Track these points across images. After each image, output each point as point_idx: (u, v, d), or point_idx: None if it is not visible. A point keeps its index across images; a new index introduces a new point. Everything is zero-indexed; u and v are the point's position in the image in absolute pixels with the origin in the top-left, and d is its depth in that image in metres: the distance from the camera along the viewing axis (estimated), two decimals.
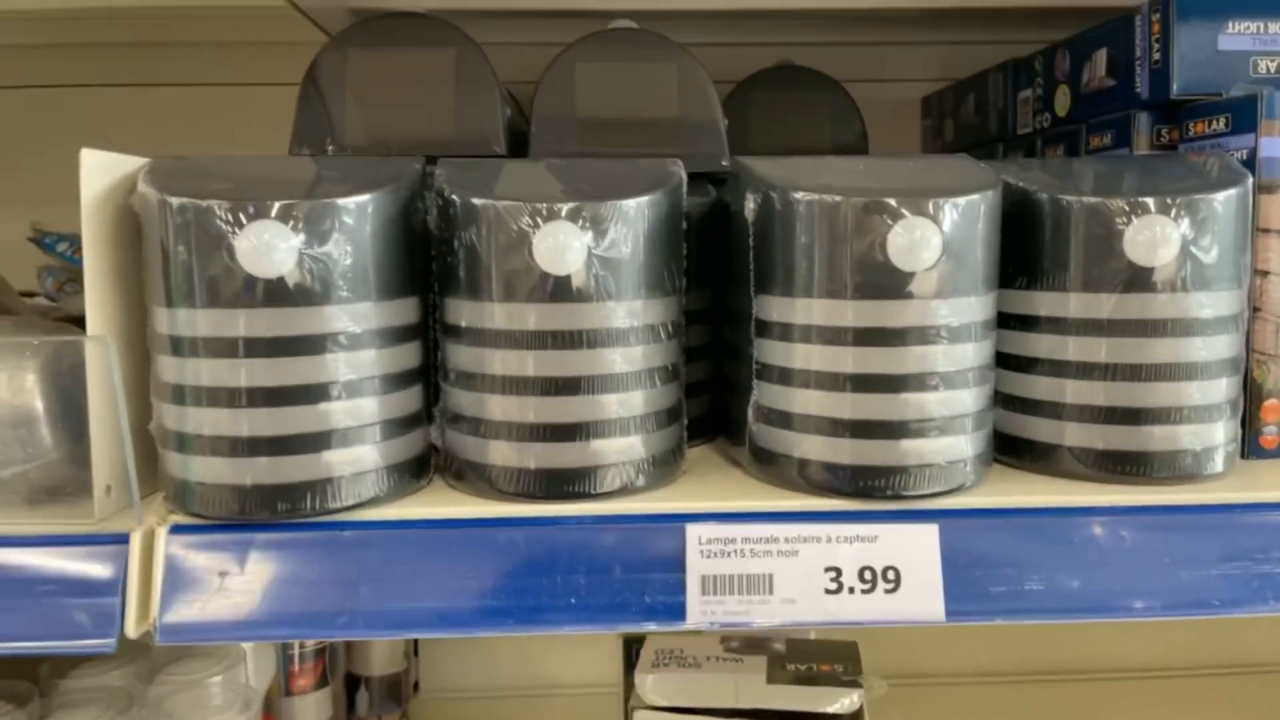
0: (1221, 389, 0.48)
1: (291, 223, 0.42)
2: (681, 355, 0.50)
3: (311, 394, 0.44)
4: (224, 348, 0.43)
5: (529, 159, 0.57)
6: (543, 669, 0.94)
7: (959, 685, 0.93)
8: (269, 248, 0.41)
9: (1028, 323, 0.50)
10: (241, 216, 0.41)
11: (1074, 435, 0.49)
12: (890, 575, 0.43)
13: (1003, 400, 0.51)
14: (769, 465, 0.49)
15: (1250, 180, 0.49)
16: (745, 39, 0.86)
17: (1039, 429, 0.50)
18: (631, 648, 0.66)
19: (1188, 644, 0.94)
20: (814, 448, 0.47)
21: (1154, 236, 0.46)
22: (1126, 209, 0.46)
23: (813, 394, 0.46)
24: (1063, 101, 0.67)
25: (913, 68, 0.93)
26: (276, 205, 0.42)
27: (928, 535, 0.44)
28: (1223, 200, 0.47)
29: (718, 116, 0.62)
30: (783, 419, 0.48)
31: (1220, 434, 0.49)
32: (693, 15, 0.80)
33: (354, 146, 0.59)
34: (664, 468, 0.48)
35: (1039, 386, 0.50)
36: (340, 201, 0.43)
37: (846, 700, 0.56)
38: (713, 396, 0.58)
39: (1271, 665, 0.94)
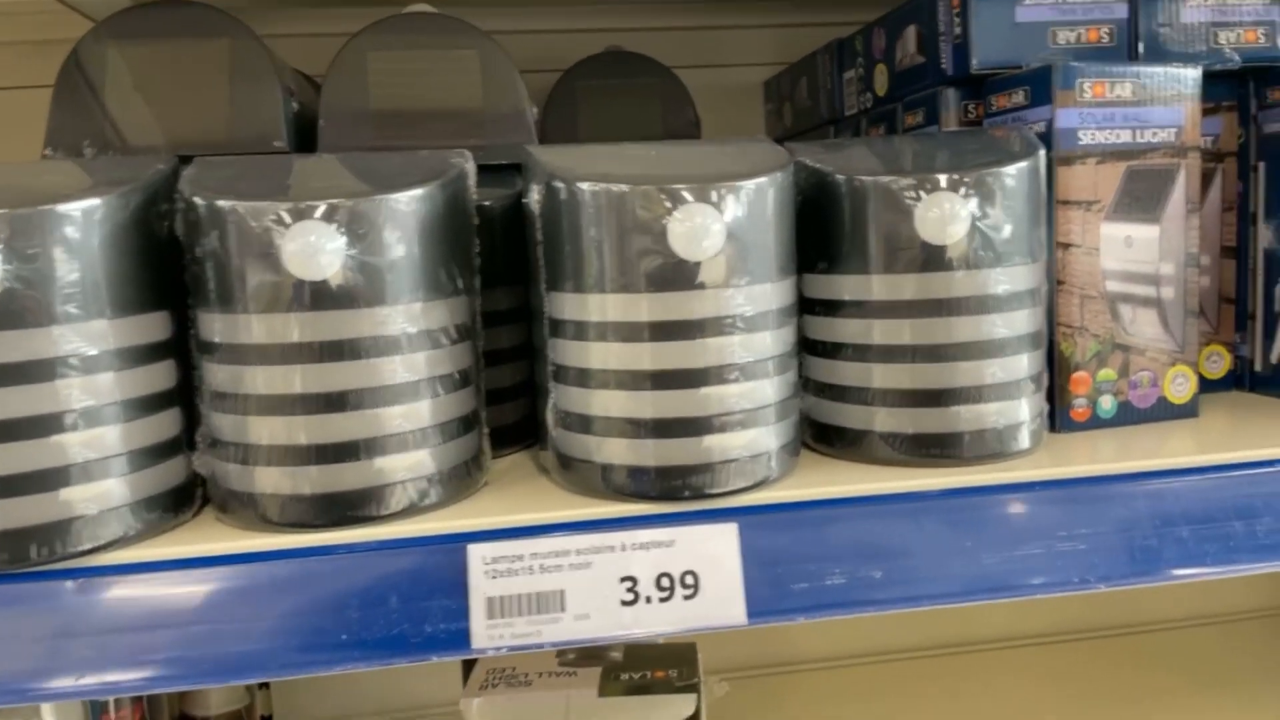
0: (1023, 365, 0.48)
1: None
2: (475, 360, 0.47)
3: (42, 426, 0.39)
4: None
5: (300, 155, 0.53)
6: (405, 690, 0.89)
7: (836, 669, 0.92)
8: None
9: (832, 307, 0.48)
10: None
11: (883, 420, 0.48)
12: (689, 580, 0.41)
13: (815, 388, 0.50)
14: (572, 472, 0.46)
15: (1041, 153, 0.48)
16: (573, 25, 0.83)
17: (849, 415, 0.49)
18: (469, 667, 0.62)
19: (1064, 610, 0.95)
20: (615, 451, 0.44)
21: (943, 214, 0.45)
22: (915, 187, 0.45)
23: (612, 394, 0.44)
24: (881, 80, 0.66)
25: (752, 51, 0.91)
26: None
27: (727, 535, 0.42)
28: (1012, 174, 0.46)
29: (524, 105, 0.59)
30: (582, 422, 0.45)
31: (1025, 410, 0.48)
32: (514, 1, 0.77)
33: (117, 148, 0.54)
34: (459, 482, 0.45)
35: (847, 372, 0.48)
36: (59, 209, 0.39)
37: (678, 708, 0.54)
38: (530, 400, 0.55)
39: (1139, 626, 0.97)
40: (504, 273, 0.52)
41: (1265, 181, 0.58)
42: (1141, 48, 0.56)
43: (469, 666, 0.63)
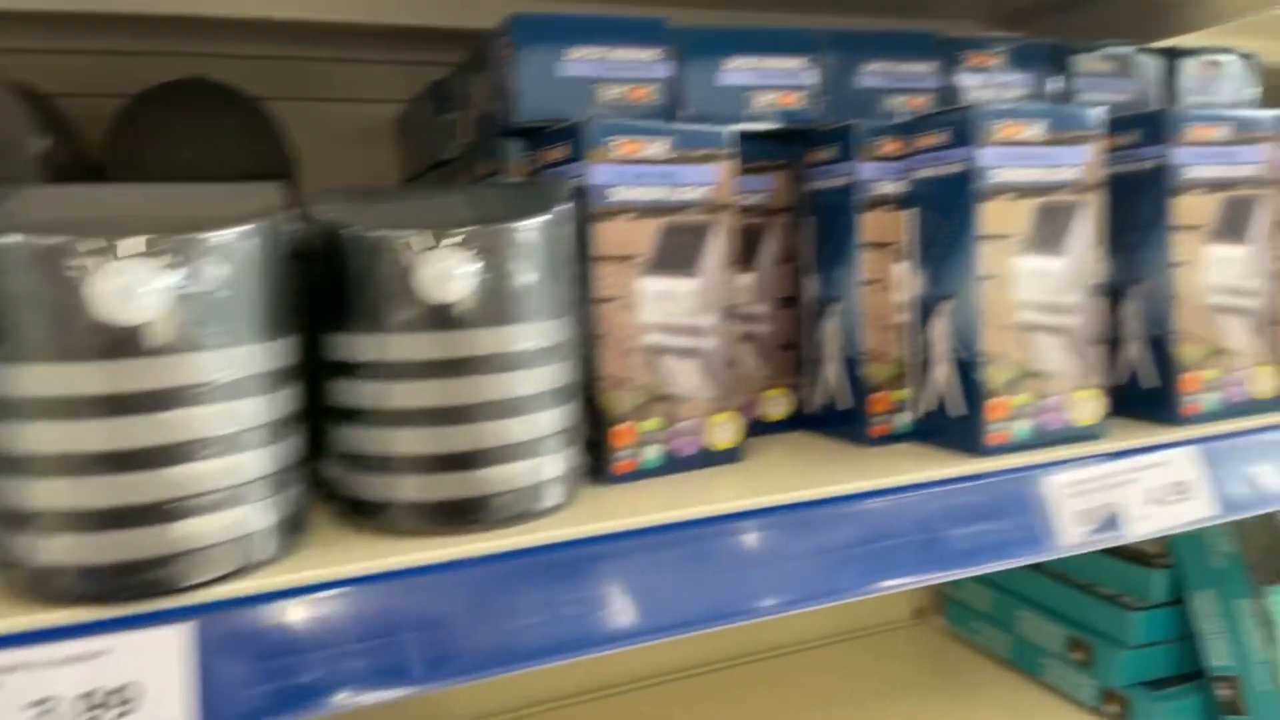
0: (551, 421, 0.47)
1: None
2: None
3: None
4: None
5: None
6: None
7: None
8: None
9: (349, 370, 0.45)
10: None
11: (406, 488, 0.45)
12: (126, 696, 0.36)
13: (339, 457, 0.46)
14: (8, 574, 0.39)
15: (565, 208, 0.48)
16: (155, 46, 0.75)
17: (372, 486, 0.45)
18: None
19: (706, 640, 0.98)
20: (56, 548, 0.38)
21: (442, 270, 0.43)
22: (414, 243, 0.43)
23: (50, 483, 0.37)
24: (467, 126, 0.65)
25: (383, 87, 0.87)
26: None
27: (177, 638, 0.37)
28: (527, 229, 0.45)
29: (23, 137, 0.51)
30: (15, 519, 0.38)
31: (554, 467, 0.47)
32: (87, 19, 0.68)
33: None
34: None
35: (367, 439, 0.45)
36: None
37: None
38: None
39: (773, 650, 1.02)
40: None
41: (812, 236, 0.62)
42: (684, 107, 0.58)
43: None
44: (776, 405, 0.65)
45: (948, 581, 1.04)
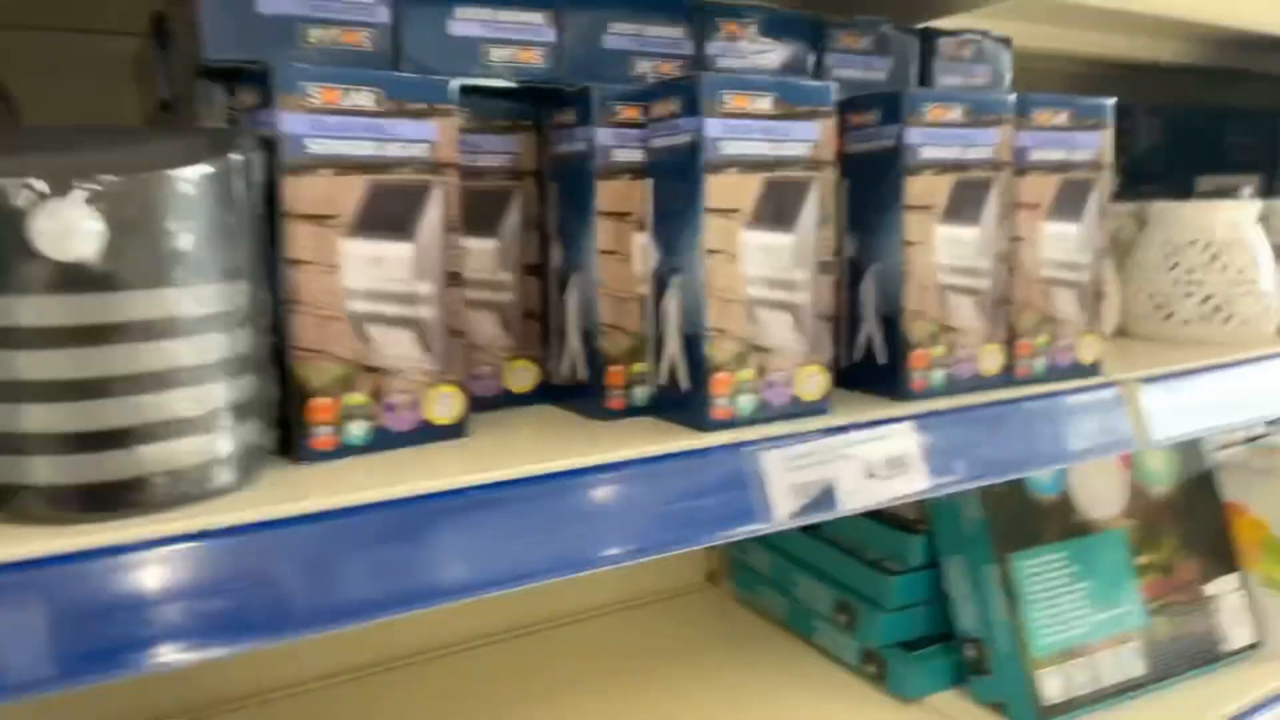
0: (218, 394, 0.43)
1: None
2: None
3: None
4: None
5: None
6: None
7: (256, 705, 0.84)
8: None
9: None
10: None
11: (40, 470, 0.40)
12: None
13: None
14: None
15: (236, 159, 0.44)
16: None
17: (1, 467, 0.40)
18: None
19: (483, 613, 0.96)
20: None
21: (63, 225, 0.38)
22: (32, 191, 0.38)
23: None
24: (178, 65, 0.58)
25: (125, 18, 0.79)
26: None
27: None
28: (174, 181, 0.41)
29: None
30: None
31: (224, 445, 0.43)
32: None
33: None
34: None
35: None
36: None
37: None
38: None
39: (559, 619, 1.01)
40: None
41: (555, 202, 0.60)
42: (407, 57, 0.54)
43: None
44: (522, 377, 0.62)
45: (733, 544, 1.06)
